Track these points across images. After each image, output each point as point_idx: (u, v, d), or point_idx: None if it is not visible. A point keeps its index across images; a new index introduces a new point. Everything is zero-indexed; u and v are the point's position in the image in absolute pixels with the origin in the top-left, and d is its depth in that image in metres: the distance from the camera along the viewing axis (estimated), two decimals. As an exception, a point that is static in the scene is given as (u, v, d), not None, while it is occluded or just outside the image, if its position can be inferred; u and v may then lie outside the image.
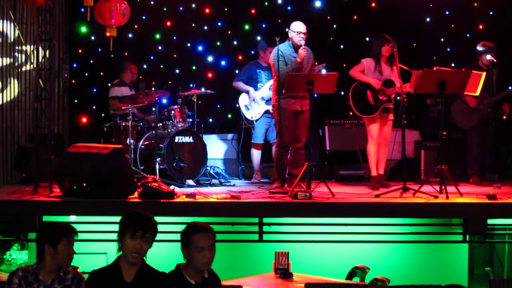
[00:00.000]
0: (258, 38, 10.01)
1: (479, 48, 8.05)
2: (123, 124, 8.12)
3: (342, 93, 9.15)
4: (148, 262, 3.87)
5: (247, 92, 8.67)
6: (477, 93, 7.37)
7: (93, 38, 9.77)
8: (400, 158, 7.64)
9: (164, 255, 4.97)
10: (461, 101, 8.08)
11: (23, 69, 9.11)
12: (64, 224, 4.07)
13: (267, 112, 8.59)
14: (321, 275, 5.51)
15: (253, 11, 10.18)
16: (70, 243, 3.90)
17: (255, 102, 8.62)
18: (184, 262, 3.86)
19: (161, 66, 10.16)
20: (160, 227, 3.97)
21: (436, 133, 7.23)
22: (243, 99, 8.74)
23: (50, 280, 3.87)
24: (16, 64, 9.08)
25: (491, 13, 9.86)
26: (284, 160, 7.44)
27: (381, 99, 7.48)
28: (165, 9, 10.09)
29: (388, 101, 7.48)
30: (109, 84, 8.90)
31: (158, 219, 3.96)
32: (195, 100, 8.55)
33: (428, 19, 10.01)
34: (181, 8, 10.15)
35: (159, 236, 3.93)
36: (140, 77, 9.46)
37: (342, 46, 10.04)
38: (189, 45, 10.16)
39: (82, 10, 8.53)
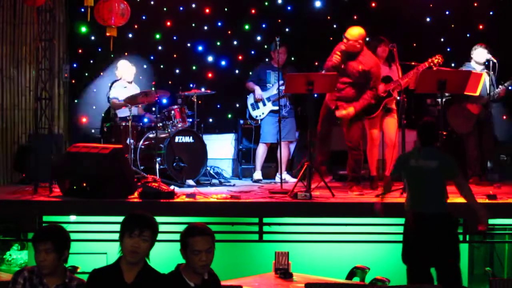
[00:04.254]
0: (258, 38, 10.02)
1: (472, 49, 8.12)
2: (123, 124, 8.12)
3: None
4: (149, 263, 3.86)
5: (254, 91, 8.68)
6: (477, 93, 7.38)
7: (93, 38, 9.77)
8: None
9: (164, 255, 4.97)
10: (462, 108, 8.07)
11: (23, 69, 9.10)
12: (42, 230, 3.99)
13: (273, 112, 8.58)
14: (321, 275, 5.51)
15: (253, 11, 10.17)
16: (40, 251, 3.80)
17: (261, 101, 8.62)
18: (185, 263, 3.85)
19: (161, 66, 10.16)
20: (160, 227, 3.96)
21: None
22: (251, 98, 8.77)
23: (55, 285, 3.85)
24: (16, 64, 9.08)
25: (491, 13, 9.86)
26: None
27: (381, 96, 7.48)
28: (165, 9, 10.09)
29: (388, 96, 7.48)
30: (109, 84, 8.90)
31: (158, 219, 3.96)
32: (195, 100, 8.54)
33: (428, 19, 10.01)
34: (181, 8, 10.15)
35: (159, 236, 3.92)
36: (140, 77, 9.46)
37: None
38: (189, 45, 10.15)
39: (82, 10, 8.52)
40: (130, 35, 9.91)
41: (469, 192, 5.41)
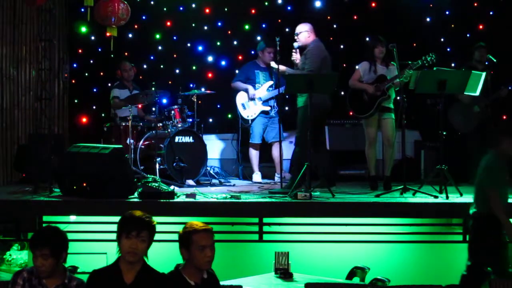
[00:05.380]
0: (258, 38, 10.01)
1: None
2: (123, 124, 8.12)
3: (342, 93, 9.15)
4: (148, 262, 3.86)
5: (246, 90, 8.62)
6: (477, 93, 7.38)
7: (93, 38, 9.78)
8: (400, 158, 7.65)
9: (164, 255, 4.97)
10: (463, 108, 8.08)
11: (23, 69, 9.10)
12: (39, 234, 3.98)
13: (263, 112, 8.58)
14: (321, 275, 5.51)
15: (253, 11, 10.18)
16: (37, 256, 3.80)
17: (253, 101, 8.60)
18: (183, 263, 3.85)
19: (161, 66, 10.16)
20: (160, 227, 3.97)
21: (436, 133, 7.23)
22: (240, 98, 8.70)
23: (54, 285, 3.85)
24: (16, 64, 9.07)
25: (491, 13, 9.86)
26: None
27: (376, 95, 7.48)
28: (165, 9, 10.10)
29: (383, 95, 7.47)
30: (109, 85, 8.91)
31: (158, 219, 3.96)
32: (195, 100, 8.54)
33: (428, 19, 10.01)
34: (181, 8, 10.16)
35: (159, 236, 3.92)
36: (140, 77, 9.46)
37: (342, 46, 10.05)
38: (189, 45, 10.16)
39: (82, 10, 8.53)
40: (130, 35, 9.92)
41: (496, 208, 5.36)
